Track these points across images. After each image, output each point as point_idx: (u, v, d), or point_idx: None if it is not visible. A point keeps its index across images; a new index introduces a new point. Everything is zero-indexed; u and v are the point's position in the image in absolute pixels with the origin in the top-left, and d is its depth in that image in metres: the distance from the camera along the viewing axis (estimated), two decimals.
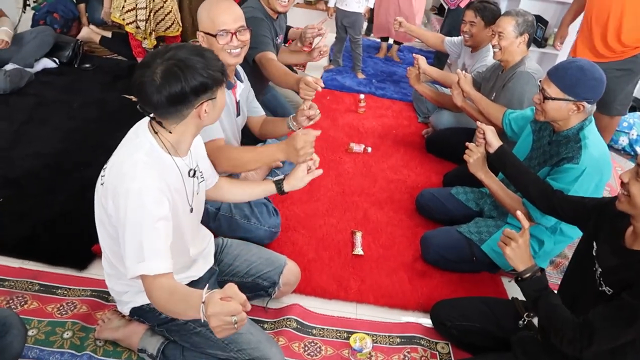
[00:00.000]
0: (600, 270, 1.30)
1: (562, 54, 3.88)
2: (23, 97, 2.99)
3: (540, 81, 1.86)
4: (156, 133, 1.27)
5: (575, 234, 1.95)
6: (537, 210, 1.78)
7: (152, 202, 1.19)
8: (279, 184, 1.64)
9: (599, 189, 1.80)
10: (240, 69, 1.98)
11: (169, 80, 1.16)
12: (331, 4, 3.92)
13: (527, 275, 1.39)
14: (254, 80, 2.52)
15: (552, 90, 1.74)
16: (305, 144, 1.59)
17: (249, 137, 2.16)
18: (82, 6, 3.66)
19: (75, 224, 2.06)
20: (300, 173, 1.62)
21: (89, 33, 3.63)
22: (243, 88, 1.97)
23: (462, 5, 3.73)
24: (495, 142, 1.90)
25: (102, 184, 1.28)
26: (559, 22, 3.90)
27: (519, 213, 1.47)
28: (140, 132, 1.29)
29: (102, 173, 1.31)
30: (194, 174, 1.39)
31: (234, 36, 1.76)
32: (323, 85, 2.03)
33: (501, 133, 2.23)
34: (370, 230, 2.28)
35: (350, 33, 3.92)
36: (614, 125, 3.12)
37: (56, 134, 2.69)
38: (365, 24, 4.23)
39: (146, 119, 1.32)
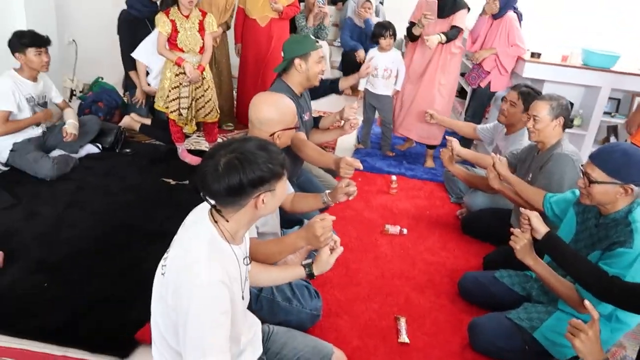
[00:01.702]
0: None
1: (590, 135, 3.93)
2: (66, 182, 3.10)
3: (582, 165, 1.88)
4: (216, 222, 1.29)
5: (633, 321, 1.86)
6: (593, 297, 1.72)
7: (215, 296, 1.19)
8: (308, 267, 1.64)
9: None
10: None
11: (229, 172, 1.20)
12: (361, 87, 4.08)
13: None
14: (291, 162, 2.60)
15: (597, 174, 1.75)
16: (324, 230, 1.64)
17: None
18: (133, 73, 3.81)
19: (115, 309, 2.06)
20: (324, 256, 1.62)
21: (130, 121, 3.82)
22: None
23: (483, 85, 3.86)
24: (542, 228, 1.86)
25: (162, 274, 1.29)
26: (583, 104, 4.01)
27: (587, 303, 1.41)
28: (200, 221, 1.32)
29: (162, 262, 1.32)
30: (249, 262, 1.40)
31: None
32: (361, 166, 2.19)
33: (541, 215, 2.22)
34: (413, 315, 2.21)
35: (381, 115, 4.05)
36: None
37: (96, 218, 2.75)
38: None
39: (204, 207, 1.35)
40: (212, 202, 1.28)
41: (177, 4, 3.22)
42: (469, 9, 3.57)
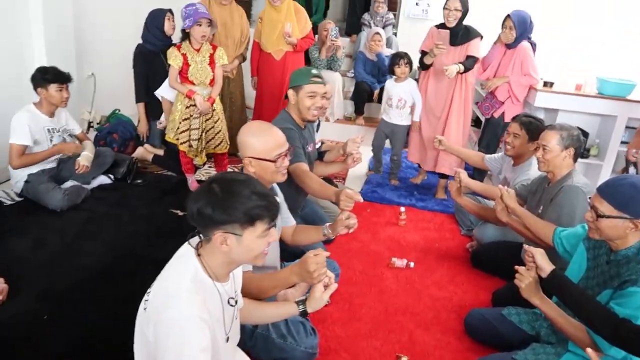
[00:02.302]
0: None
1: (607, 165, 3.83)
2: (77, 212, 3.14)
3: (589, 198, 1.81)
4: (199, 255, 1.28)
5: None
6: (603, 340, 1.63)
7: (194, 332, 1.16)
8: (301, 304, 1.61)
9: None
10: (274, 184, 2.06)
11: (205, 196, 1.24)
12: (381, 116, 4.12)
13: None
14: (295, 193, 2.60)
15: (605, 207, 1.69)
16: (318, 266, 1.61)
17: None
18: (140, 105, 3.89)
19: (116, 339, 2.03)
20: (318, 293, 1.59)
21: (143, 152, 3.89)
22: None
23: (496, 115, 3.81)
24: (546, 266, 1.79)
25: (144, 309, 1.27)
26: (599, 133, 3.92)
27: (590, 351, 1.34)
28: (185, 255, 1.31)
29: (145, 297, 1.30)
30: (236, 302, 1.37)
31: (285, 157, 1.92)
32: (361, 200, 2.16)
33: (551, 249, 2.14)
34: (417, 354, 2.13)
35: (392, 145, 4.06)
36: None
37: (104, 247, 2.77)
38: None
39: (193, 240, 1.35)
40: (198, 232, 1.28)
41: (189, 38, 3.30)
42: (481, 37, 3.57)
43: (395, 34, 5.79)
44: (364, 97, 5.13)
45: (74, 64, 3.96)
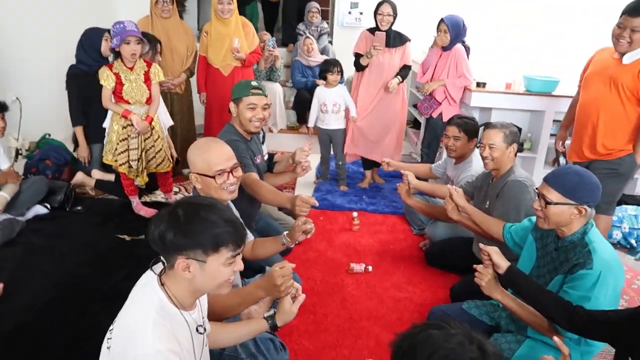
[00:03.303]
0: None
1: (540, 157, 4.06)
2: (12, 247, 2.92)
3: (536, 188, 1.91)
4: (162, 285, 1.22)
5: (601, 343, 1.86)
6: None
7: None
8: (270, 319, 1.58)
9: (616, 292, 1.76)
10: (229, 202, 2.02)
11: (168, 220, 1.19)
12: (310, 124, 4.17)
13: None
14: (248, 206, 2.56)
15: (553, 195, 1.79)
16: (284, 279, 1.60)
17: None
18: (78, 129, 3.66)
19: None
20: (287, 306, 1.57)
21: (83, 178, 3.67)
22: None
23: (435, 115, 3.96)
24: (503, 263, 1.86)
25: (108, 348, 1.19)
26: (531, 128, 4.16)
27: (556, 339, 1.41)
28: (148, 285, 1.24)
29: (108, 335, 1.22)
30: (203, 331, 1.32)
31: (230, 174, 1.87)
32: (317, 203, 2.23)
33: (502, 244, 2.23)
34: (386, 358, 2.13)
35: (334, 150, 4.12)
36: (606, 226, 3.02)
37: (46, 282, 2.58)
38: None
39: (151, 274, 1.28)
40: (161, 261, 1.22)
41: (121, 57, 3.17)
42: (410, 40, 3.93)
43: (330, 42, 5.87)
44: (305, 105, 5.14)
45: None
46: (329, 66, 3.94)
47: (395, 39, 3.85)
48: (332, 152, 4.23)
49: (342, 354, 2.15)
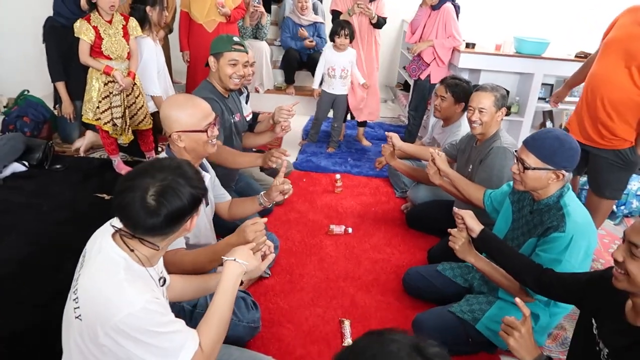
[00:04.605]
0: (607, 350, 1.22)
1: (527, 121, 4.02)
2: None
3: (515, 151, 1.88)
4: (132, 250, 1.19)
5: (569, 305, 1.89)
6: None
7: (154, 312, 1.14)
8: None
9: (588, 256, 1.76)
10: (204, 159, 1.97)
11: (169, 201, 1.14)
12: (315, 86, 4.06)
13: None
14: (227, 168, 2.52)
15: (531, 160, 1.76)
16: (257, 234, 1.59)
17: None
18: (60, 84, 3.54)
19: (44, 337, 1.91)
20: (255, 262, 1.50)
21: (97, 137, 3.55)
22: (209, 178, 1.98)
23: (422, 77, 3.89)
24: (476, 227, 1.86)
25: (78, 317, 1.15)
26: (519, 91, 4.09)
27: (518, 300, 1.41)
28: (106, 250, 1.20)
29: (73, 304, 1.18)
30: (164, 282, 1.31)
31: (215, 127, 1.83)
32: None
33: (481, 211, 2.23)
34: (359, 317, 2.17)
35: (335, 114, 4.07)
36: (608, 209, 2.83)
37: (23, 240, 2.56)
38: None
39: (105, 231, 1.25)
40: (133, 233, 1.18)
41: (97, 9, 3.05)
42: None
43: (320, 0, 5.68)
44: (294, 65, 5.03)
45: None
46: (337, 28, 3.72)
47: None
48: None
49: (315, 313, 2.17)
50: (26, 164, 3.33)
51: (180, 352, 1.17)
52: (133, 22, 3.18)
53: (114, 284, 1.13)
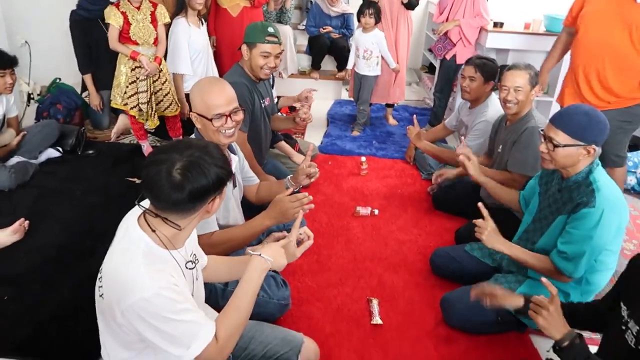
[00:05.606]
0: (637, 328, 1.21)
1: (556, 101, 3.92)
2: (27, 190, 2.98)
3: (542, 130, 1.85)
4: (153, 231, 1.20)
5: (601, 282, 1.87)
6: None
7: (169, 298, 1.14)
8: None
9: (619, 233, 1.75)
10: (234, 142, 2.00)
11: (194, 177, 1.14)
12: (349, 67, 4.10)
13: (566, 343, 1.31)
14: (255, 150, 2.56)
15: (561, 137, 1.73)
16: (293, 204, 1.67)
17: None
18: (87, 77, 3.66)
19: (80, 319, 1.97)
20: (291, 248, 1.50)
21: (127, 120, 3.60)
22: (237, 161, 2.00)
23: (448, 57, 3.84)
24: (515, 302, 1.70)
25: (101, 296, 1.21)
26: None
27: (544, 280, 1.41)
28: (131, 231, 1.22)
29: (98, 283, 1.23)
30: (193, 265, 1.34)
31: (228, 118, 1.79)
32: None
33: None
34: (386, 296, 2.19)
35: (361, 95, 4.05)
36: (620, 179, 2.84)
37: (59, 225, 2.65)
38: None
39: (134, 213, 1.27)
40: (157, 212, 1.19)
41: None
42: None
43: None
44: (324, 51, 4.98)
45: (4, 31, 3.68)
46: (362, 7, 3.73)
47: None
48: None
49: (344, 292, 2.20)
50: (60, 149, 3.43)
51: (192, 342, 1.17)
52: (161, 9, 3.22)
53: (132, 268, 1.15)
